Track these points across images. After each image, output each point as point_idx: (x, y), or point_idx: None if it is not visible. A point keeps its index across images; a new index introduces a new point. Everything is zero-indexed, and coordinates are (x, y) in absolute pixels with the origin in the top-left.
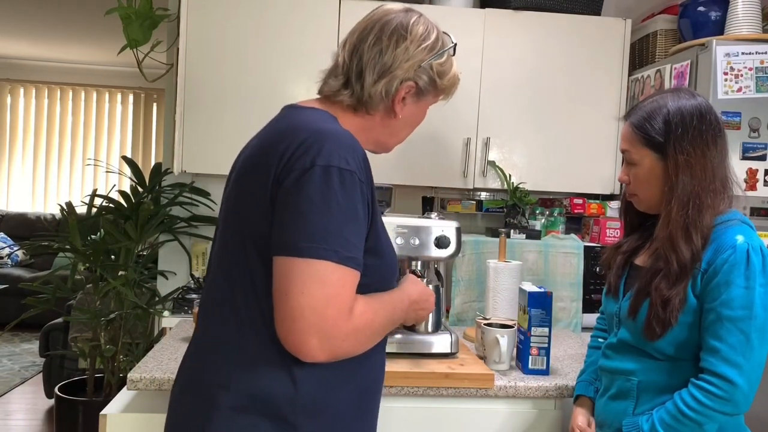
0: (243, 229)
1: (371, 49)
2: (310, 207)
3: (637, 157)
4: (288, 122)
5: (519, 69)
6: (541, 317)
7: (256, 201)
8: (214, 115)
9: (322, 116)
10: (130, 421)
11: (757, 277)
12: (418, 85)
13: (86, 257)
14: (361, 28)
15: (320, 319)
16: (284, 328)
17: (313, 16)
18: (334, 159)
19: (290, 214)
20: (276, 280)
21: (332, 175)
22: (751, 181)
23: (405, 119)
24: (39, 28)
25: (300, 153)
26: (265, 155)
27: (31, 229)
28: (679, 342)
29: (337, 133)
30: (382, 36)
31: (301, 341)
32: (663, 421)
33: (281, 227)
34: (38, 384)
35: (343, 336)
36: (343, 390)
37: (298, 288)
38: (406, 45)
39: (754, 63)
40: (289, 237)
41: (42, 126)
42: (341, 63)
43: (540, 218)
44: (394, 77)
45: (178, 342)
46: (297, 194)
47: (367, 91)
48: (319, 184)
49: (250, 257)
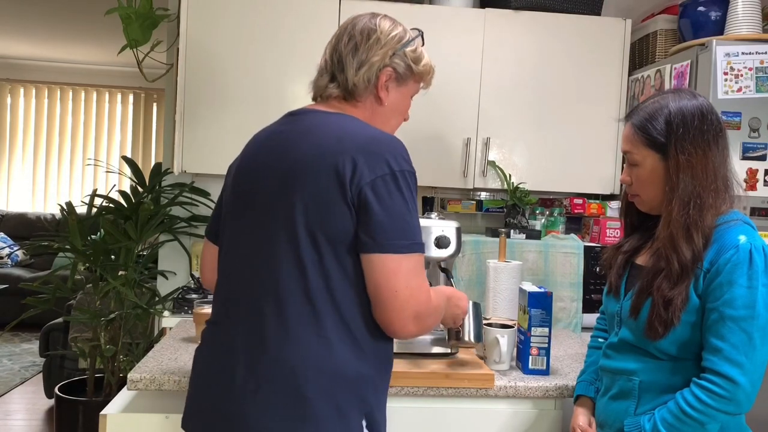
0: (314, 229)
1: (347, 46)
2: (399, 208)
3: (638, 158)
4: (335, 128)
5: (519, 69)
6: (541, 317)
7: (331, 204)
8: (214, 115)
9: (352, 119)
10: (130, 421)
11: (759, 277)
12: (396, 70)
13: (86, 257)
14: (336, 35)
15: (418, 304)
16: (387, 317)
17: (312, 16)
18: (404, 163)
19: (383, 215)
20: (376, 275)
21: (407, 178)
22: (751, 181)
23: (392, 106)
24: (39, 28)
25: (373, 160)
26: (328, 160)
27: (31, 229)
28: (682, 341)
29: (392, 138)
30: (354, 33)
31: (403, 326)
32: (665, 421)
33: (376, 228)
34: (38, 384)
35: (428, 314)
36: (387, 366)
37: (402, 282)
38: (377, 36)
39: (754, 63)
40: (387, 237)
41: (42, 126)
42: (324, 64)
43: (540, 218)
44: (371, 64)
45: (178, 342)
46: (385, 197)
47: (351, 80)
48: (404, 187)
49: (325, 254)
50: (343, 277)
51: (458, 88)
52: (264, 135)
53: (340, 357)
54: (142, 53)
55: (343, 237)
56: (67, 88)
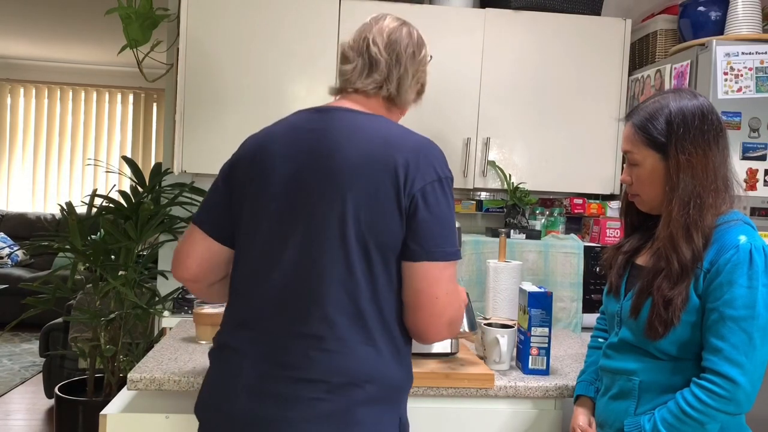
0: (366, 236)
1: (406, 53)
2: (445, 215)
3: (639, 158)
4: (378, 131)
5: (519, 69)
6: (541, 317)
7: (386, 211)
8: (214, 115)
9: (387, 121)
10: (130, 421)
11: (759, 277)
12: (423, 85)
13: (86, 257)
14: (387, 31)
15: (454, 310)
16: (424, 322)
17: (313, 16)
18: (446, 170)
19: (433, 222)
20: (418, 281)
21: (450, 184)
22: (751, 181)
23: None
24: (39, 28)
25: (423, 166)
26: (381, 165)
27: (31, 229)
28: (682, 341)
29: (434, 143)
30: (411, 43)
31: (438, 332)
32: (665, 421)
33: (425, 236)
34: (38, 384)
35: (460, 320)
36: (412, 369)
37: (444, 289)
38: (423, 52)
39: (754, 63)
40: (436, 244)
41: (42, 126)
42: (381, 61)
43: (540, 218)
44: (418, 81)
45: (178, 342)
46: (433, 204)
47: (404, 95)
48: (448, 193)
49: (375, 261)
50: (388, 283)
51: (458, 88)
52: (288, 131)
53: (387, 364)
54: (142, 53)
55: (393, 244)
56: (67, 88)
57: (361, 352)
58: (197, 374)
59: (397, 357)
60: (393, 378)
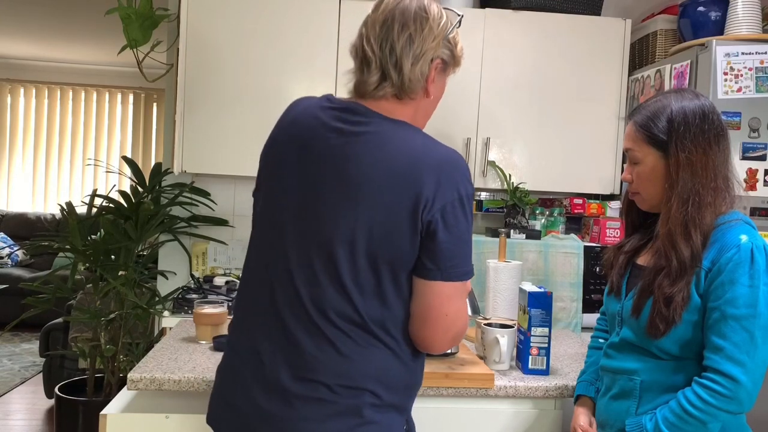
0: (375, 252)
1: (401, 36)
2: (463, 235)
3: (640, 156)
4: (402, 145)
5: (519, 69)
6: (541, 317)
7: (400, 230)
8: (214, 115)
9: (413, 131)
10: (130, 421)
11: (761, 276)
12: (443, 59)
13: (86, 257)
14: (381, 19)
15: (461, 325)
16: (430, 336)
17: (313, 16)
18: (469, 185)
19: (450, 243)
20: (430, 298)
21: (471, 201)
22: (751, 181)
23: (435, 97)
24: (39, 28)
25: (446, 185)
26: (401, 184)
27: (31, 229)
28: (683, 341)
29: (459, 157)
30: (408, 22)
31: (442, 346)
32: (667, 420)
33: (441, 256)
34: (38, 384)
35: (463, 334)
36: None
37: (454, 307)
38: (430, 25)
39: (754, 63)
40: (452, 264)
41: (42, 126)
42: (373, 56)
43: (540, 218)
44: (426, 58)
45: (178, 342)
46: (452, 224)
47: (407, 76)
48: (468, 212)
49: (383, 277)
50: (397, 293)
51: (458, 88)
52: (311, 120)
53: (396, 368)
54: (142, 53)
55: (405, 261)
56: (67, 88)
57: (371, 355)
58: (197, 374)
59: (406, 360)
60: (401, 381)
